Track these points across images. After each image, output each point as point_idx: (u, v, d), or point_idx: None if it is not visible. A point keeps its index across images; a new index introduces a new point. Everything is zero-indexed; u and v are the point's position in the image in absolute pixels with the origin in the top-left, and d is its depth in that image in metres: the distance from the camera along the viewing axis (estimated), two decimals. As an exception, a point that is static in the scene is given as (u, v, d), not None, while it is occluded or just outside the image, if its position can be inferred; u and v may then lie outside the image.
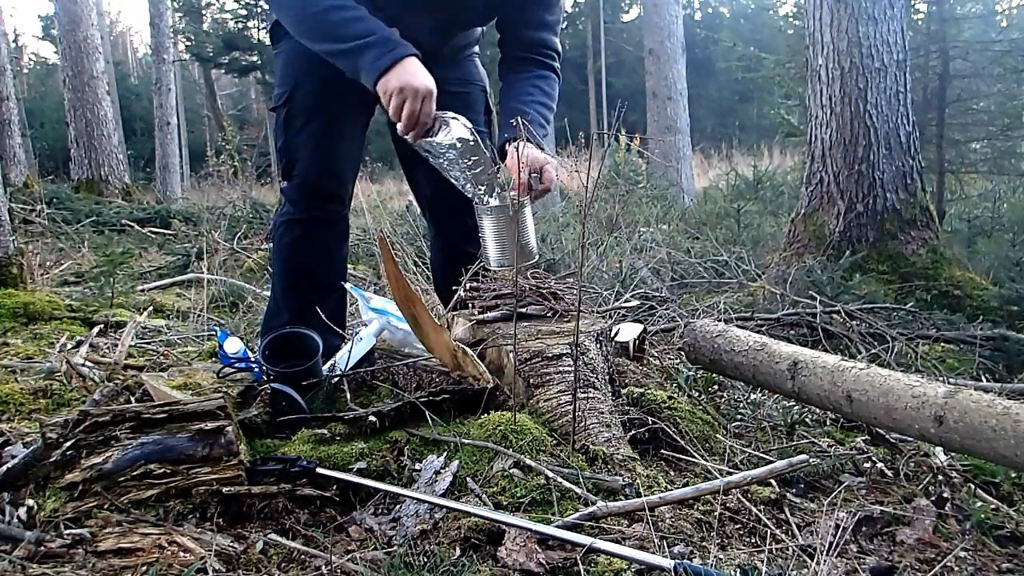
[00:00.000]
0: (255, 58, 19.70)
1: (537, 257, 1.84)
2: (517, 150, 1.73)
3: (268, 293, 3.87)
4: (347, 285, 2.13)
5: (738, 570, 1.23)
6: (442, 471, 1.49)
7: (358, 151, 2.15)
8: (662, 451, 1.74)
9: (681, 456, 1.72)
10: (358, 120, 2.08)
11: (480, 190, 1.76)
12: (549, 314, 1.99)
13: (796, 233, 4.21)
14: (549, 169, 1.83)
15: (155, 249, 6.13)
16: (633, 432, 1.75)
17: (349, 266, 3.28)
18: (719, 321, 2.45)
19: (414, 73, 1.64)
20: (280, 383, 1.74)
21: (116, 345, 2.38)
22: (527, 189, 1.79)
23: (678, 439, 1.76)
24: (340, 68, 1.74)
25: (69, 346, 2.43)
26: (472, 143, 1.71)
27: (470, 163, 1.73)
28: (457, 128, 1.71)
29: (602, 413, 1.68)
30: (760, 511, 1.46)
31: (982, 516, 1.49)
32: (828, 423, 2.11)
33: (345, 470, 1.49)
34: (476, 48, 2.21)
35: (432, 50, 1.99)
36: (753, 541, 1.39)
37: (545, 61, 2.04)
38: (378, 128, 2.42)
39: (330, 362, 1.95)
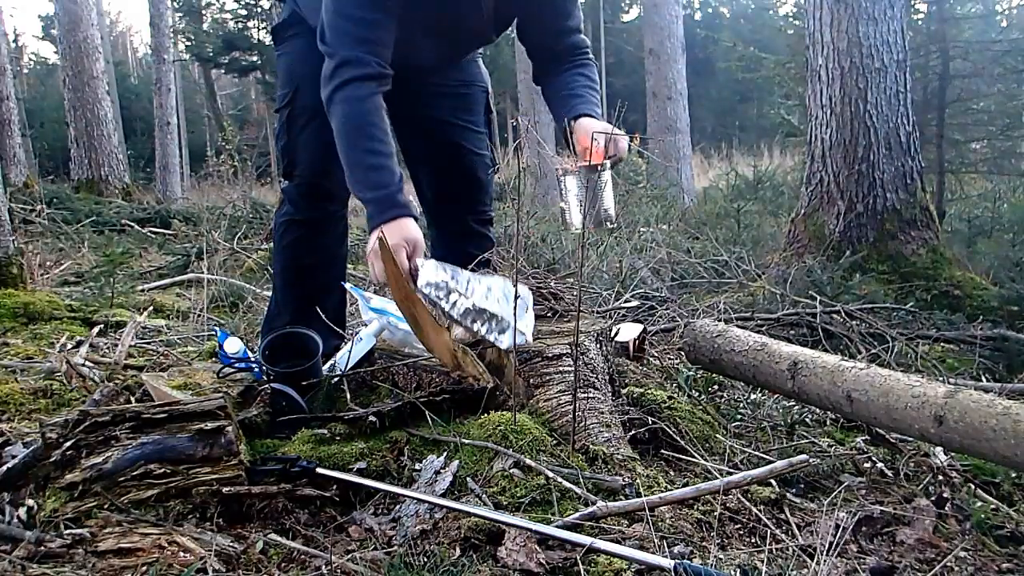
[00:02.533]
0: (255, 58, 19.69)
1: (615, 221, 1.84)
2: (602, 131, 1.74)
3: (268, 293, 3.87)
4: (347, 285, 2.13)
5: (738, 570, 1.23)
6: (442, 471, 1.49)
7: None
8: (662, 451, 1.74)
9: (681, 456, 1.72)
10: None
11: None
12: (549, 314, 1.99)
13: (796, 233, 4.21)
14: (621, 138, 1.83)
15: (155, 249, 6.12)
16: (633, 432, 1.75)
17: (349, 266, 3.28)
18: (719, 321, 2.45)
19: (402, 230, 1.70)
20: (280, 383, 1.74)
21: (116, 345, 2.38)
22: (604, 154, 1.79)
23: (678, 439, 1.76)
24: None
25: (69, 346, 2.43)
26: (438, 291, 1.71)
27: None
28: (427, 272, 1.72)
29: (602, 413, 1.68)
30: (760, 511, 1.46)
31: (982, 516, 1.49)
32: (828, 423, 2.11)
33: (345, 470, 1.49)
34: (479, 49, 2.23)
35: (440, 66, 2.02)
36: (753, 541, 1.39)
37: (578, 60, 2.03)
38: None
39: (330, 362, 1.95)
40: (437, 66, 2.05)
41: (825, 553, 1.24)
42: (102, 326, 2.85)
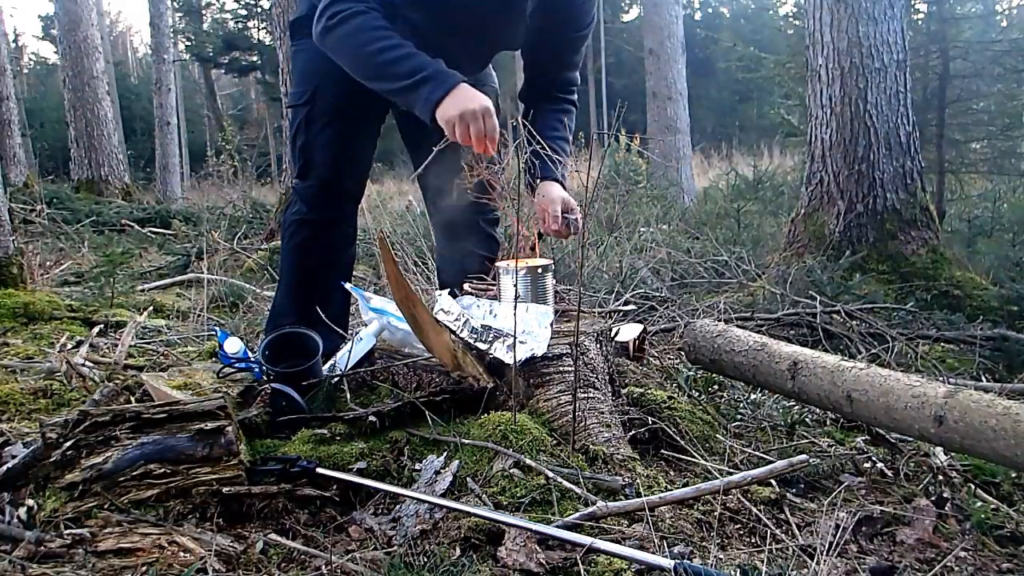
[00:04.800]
0: (255, 58, 19.69)
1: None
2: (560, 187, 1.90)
3: (268, 293, 3.88)
4: (347, 285, 2.13)
5: (738, 570, 1.23)
6: (442, 471, 1.49)
7: (372, 152, 2.16)
8: (662, 451, 1.74)
9: (681, 456, 1.72)
10: (375, 123, 2.10)
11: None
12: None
13: (796, 233, 4.21)
14: (577, 212, 1.93)
15: (155, 249, 6.12)
16: (633, 432, 1.75)
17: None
18: (719, 321, 2.45)
19: (467, 97, 1.66)
20: (280, 383, 1.74)
21: (116, 345, 2.38)
22: (561, 229, 1.90)
23: (678, 439, 1.76)
24: (397, 104, 1.82)
25: (69, 346, 2.42)
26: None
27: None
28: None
29: (602, 413, 1.68)
30: (760, 511, 1.46)
31: (982, 516, 1.49)
32: (828, 423, 2.11)
33: (345, 470, 1.49)
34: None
35: (468, 72, 2.05)
36: (753, 541, 1.39)
37: (567, 97, 2.13)
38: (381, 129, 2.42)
39: (330, 362, 1.95)
40: (466, 72, 2.08)
41: (825, 553, 1.24)
42: (102, 326, 2.85)
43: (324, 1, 1.77)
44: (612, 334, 2.03)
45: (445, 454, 1.54)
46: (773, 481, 1.56)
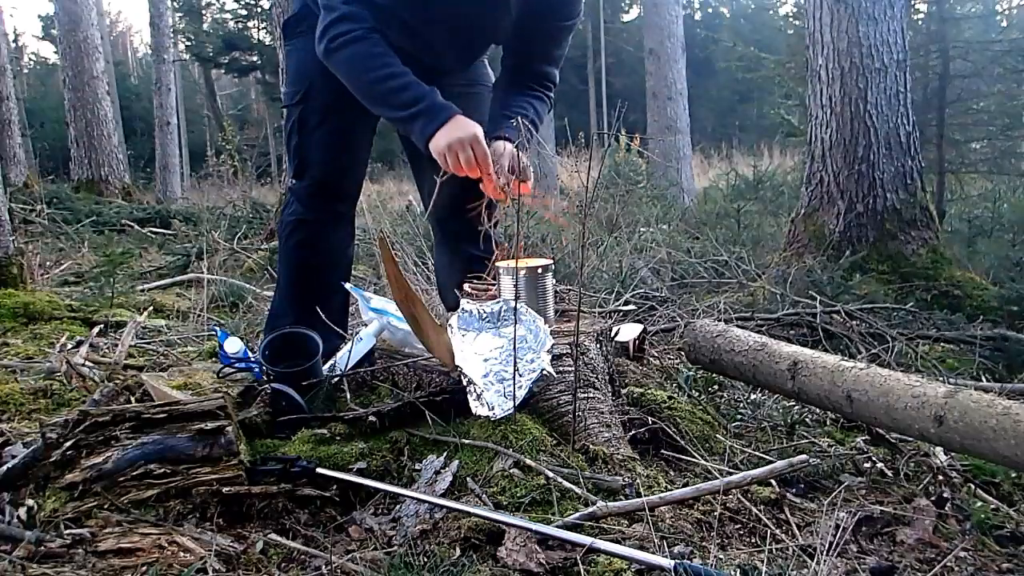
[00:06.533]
0: (255, 58, 19.67)
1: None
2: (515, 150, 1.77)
3: (268, 293, 3.88)
4: (347, 285, 2.13)
5: (738, 570, 1.23)
6: (442, 471, 1.49)
7: (368, 151, 2.15)
8: (662, 451, 1.74)
9: (681, 456, 1.72)
10: (370, 121, 2.09)
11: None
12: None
13: (796, 233, 4.21)
14: (525, 162, 1.84)
15: (155, 249, 6.12)
16: (633, 432, 1.76)
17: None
18: (719, 321, 2.45)
19: (457, 127, 1.73)
20: (280, 383, 1.74)
21: (116, 345, 2.38)
22: (507, 185, 1.82)
23: (678, 439, 1.76)
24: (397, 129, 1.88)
25: (69, 346, 2.42)
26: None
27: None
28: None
29: (602, 413, 1.68)
30: (760, 511, 1.46)
31: (982, 516, 1.49)
32: (828, 423, 2.11)
33: (345, 470, 1.49)
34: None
35: (454, 69, 2.02)
36: (753, 541, 1.39)
37: (543, 92, 2.06)
38: (378, 128, 2.41)
39: (330, 362, 1.95)
40: (452, 68, 2.06)
41: (825, 553, 1.24)
42: (102, 326, 2.85)
43: (324, 19, 1.78)
44: (612, 334, 2.03)
45: (445, 454, 1.54)
46: (773, 481, 1.56)
